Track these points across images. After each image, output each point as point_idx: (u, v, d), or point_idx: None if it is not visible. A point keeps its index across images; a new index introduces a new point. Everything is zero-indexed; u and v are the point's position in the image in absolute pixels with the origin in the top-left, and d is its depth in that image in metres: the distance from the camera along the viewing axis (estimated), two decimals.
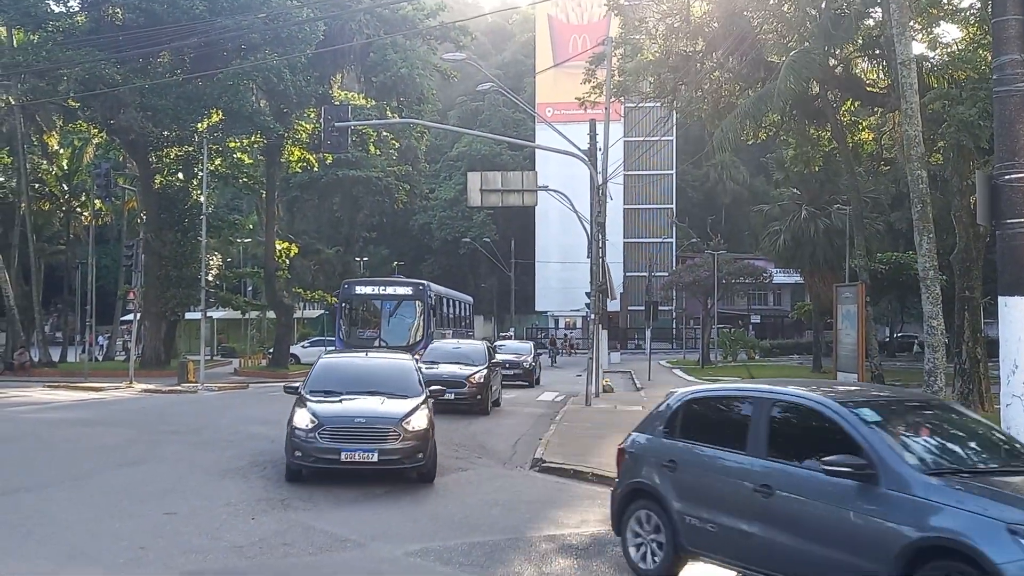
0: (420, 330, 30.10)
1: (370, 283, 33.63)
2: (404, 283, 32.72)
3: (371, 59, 43.66)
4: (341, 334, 30.59)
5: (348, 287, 32.20)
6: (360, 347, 25.56)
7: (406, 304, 31.14)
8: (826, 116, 26.56)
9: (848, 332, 18.91)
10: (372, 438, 11.84)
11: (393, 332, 30.31)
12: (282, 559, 8.61)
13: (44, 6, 36.66)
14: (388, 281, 34.07)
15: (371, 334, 30.22)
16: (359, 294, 31.80)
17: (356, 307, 31.96)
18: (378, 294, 31.59)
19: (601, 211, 27.95)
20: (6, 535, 9.27)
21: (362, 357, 15.42)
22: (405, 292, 31.31)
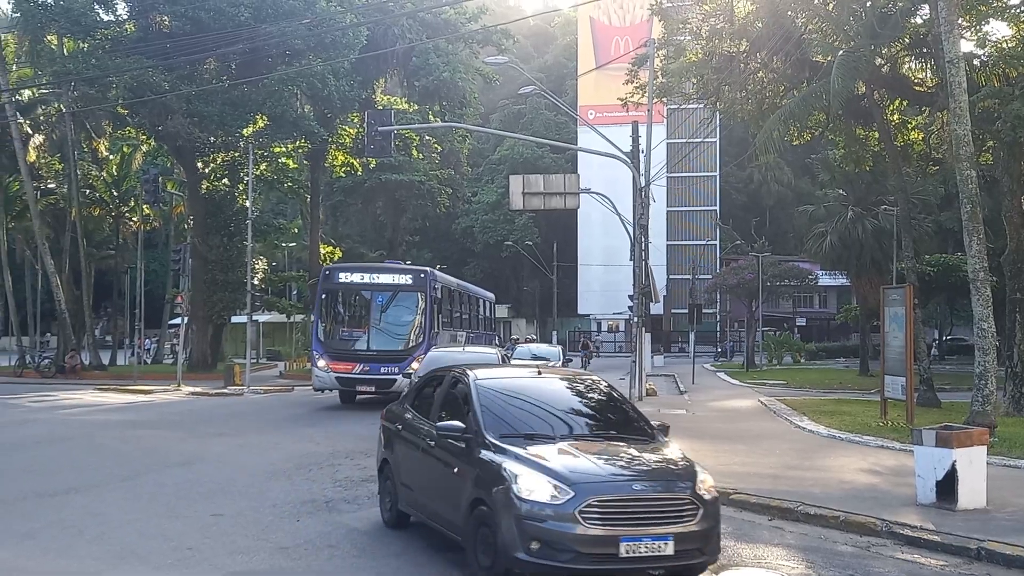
0: (420, 331, 23.42)
1: (358, 269, 26.32)
2: (401, 270, 25.37)
3: (413, 63, 43.88)
4: (319, 334, 23.92)
5: (330, 273, 25.24)
6: (342, 352, 23.20)
7: (404, 297, 24.06)
8: (873, 116, 26.24)
9: (896, 335, 18.65)
10: (662, 516, 7.27)
11: (384, 333, 23.67)
12: (327, 561, 8.65)
13: (93, 15, 37.29)
14: (381, 267, 26.79)
15: (357, 336, 23.87)
16: (343, 283, 24.59)
17: (339, 300, 24.94)
18: (368, 283, 24.39)
19: (644, 213, 27.83)
20: (58, 534, 9.44)
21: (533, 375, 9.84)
22: (402, 281, 24.26)
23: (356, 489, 12.03)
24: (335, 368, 22.88)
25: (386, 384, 22.33)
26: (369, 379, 22.64)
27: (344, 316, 24.90)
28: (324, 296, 24.55)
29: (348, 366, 22.84)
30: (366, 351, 23.04)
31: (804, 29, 25.72)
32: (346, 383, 22.99)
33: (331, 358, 23.05)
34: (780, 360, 51.48)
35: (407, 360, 22.22)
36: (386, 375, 22.46)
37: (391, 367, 22.44)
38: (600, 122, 49.76)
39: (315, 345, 23.91)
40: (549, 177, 30.86)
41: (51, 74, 38.47)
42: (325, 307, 24.51)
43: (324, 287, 24.57)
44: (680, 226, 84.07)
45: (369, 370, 22.61)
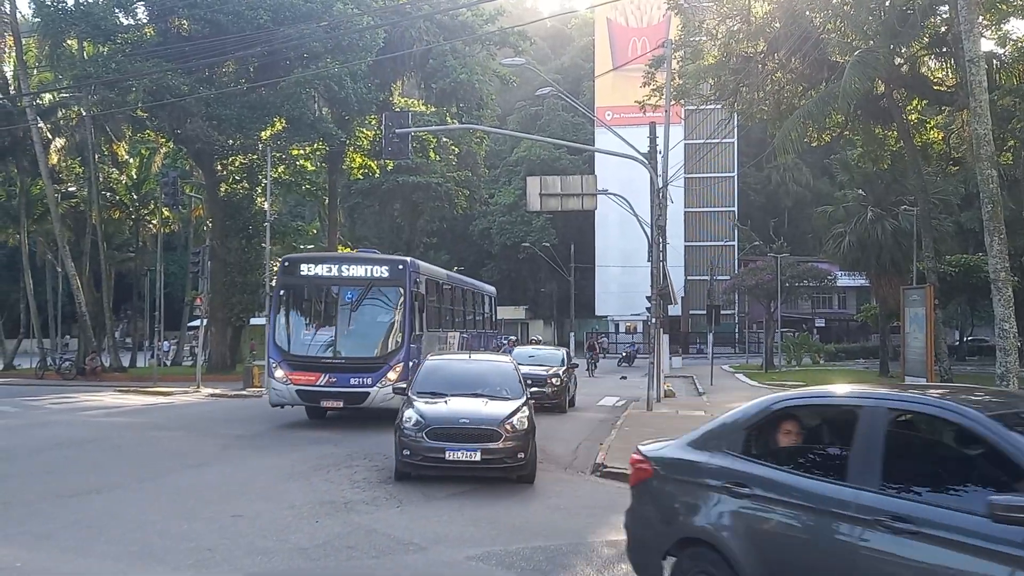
0: (398, 334, 19.57)
1: (323, 260, 21.81)
2: (375, 260, 20.89)
3: (431, 65, 43.96)
4: (276, 338, 19.94)
5: (289, 265, 20.93)
6: (304, 360, 19.26)
7: (378, 292, 20.08)
8: (892, 116, 26.10)
9: (916, 336, 18.56)
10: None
11: (355, 337, 19.82)
12: (345, 562, 8.68)
13: (113, 19, 37.54)
14: (350, 257, 23.10)
15: (322, 340, 19.88)
16: (305, 276, 20.45)
17: (300, 297, 20.77)
18: (334, 276, 20.30)
19: (661, 214, 27.76)
20: (78, 534, 9.50)
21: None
22: (376, 273, 20.04)
23: (374, 490, 12.06)
24: (295, 379, 19.01)
25: (357, 398, 18.83)
26: (336, 392, 18.89)
27: (306, 317, 20.62)
28: (282, 293, 20.27)
29: (311, 377, 19.02)
30: (332, 359, 19.22)
31: (822, 29, 25.63)
32: (308, 397, 19.10)
33: (290, 367, 19.16)
34: (799, 361, 51.24)
35: (382, 369, 18.87)
36: (357, 387, 18.79)
37: (363, 378, 18.80)
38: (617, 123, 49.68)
39: (271, 351, 19.99)
40: (566, 178, 30.80)
41: (71, 78, 38.75)
42: (284, 306, 20.11)
43: (283, 282, 20.49)
44: (698, 227, 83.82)
45: (336, 381, 18.85)
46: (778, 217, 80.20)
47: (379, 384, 18.60)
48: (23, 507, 10.73)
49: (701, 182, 79.70)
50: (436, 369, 14.61)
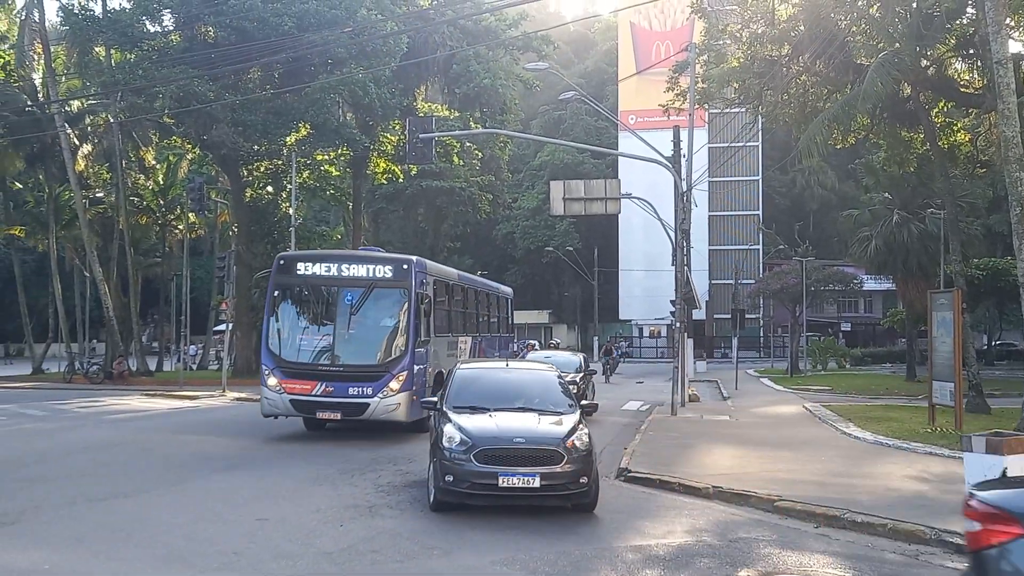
0: (402, 339, 18.10)
1: (322, 259, 19.99)
2: (378, 259, 19.36)
3: (454, 71, 44.08)
4: (270, 343, 18.51)
5: (285, 263, 19.29)
6: (299, 368, 17.96)
7: (381, 294, 18.63)
8: (918, 118, 25.90)
9: (944, 340, 18.40)
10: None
11: (355, 343, 18.39)
12: (370, 566, 8.70)
13: (140, 26, 37.88)
14: (351, 256, 20.85)
15: (318, 344, 18.47)
16: (302, 276, 18.96)
17: (296, 298, 19.17)
18: (333, 276, 18.78)
19: (686, 218, 27.68)
20: (106, 538, 9.58)
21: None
22: (379, 274, 18.58)
23: (399, 495, 12.09)
24: (289, 388, 17.69)
25: (356, 409, 17.46)
26: (333, 403, 17.53)
27: (302, 320, 19.02)
28: (277, 293, 18.78)
29: (306, 385, 17.65)
30: (329, 366, 17.85)
31: (847, 32, 25.47)
32: (303, 407, 17.78)
33: (284, 374, 17.81)
34: (825, 366, 50.89)
35: (384, 378, 17.49)
36: (356, 398, 17.39)
37: (363, 387, 17.48)
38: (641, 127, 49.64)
39: (265, 357, 18.43)
40: (590, 182, 30.74)
41: (99, 85, 39.17)
42: (278, 308, 18.69)
43: (277, 282, 18.87)
44: (722, 231, 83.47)
45: (333, 391, 17.51)
46: (803, 220, 79.76)
47: (380, 394, 17.35)
48: (52, 510, 10.85)
49: (725, 186, 79.40)
50: (471, 379, 13.05)
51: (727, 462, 15.16)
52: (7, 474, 13.72)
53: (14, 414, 23.96)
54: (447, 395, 12.49)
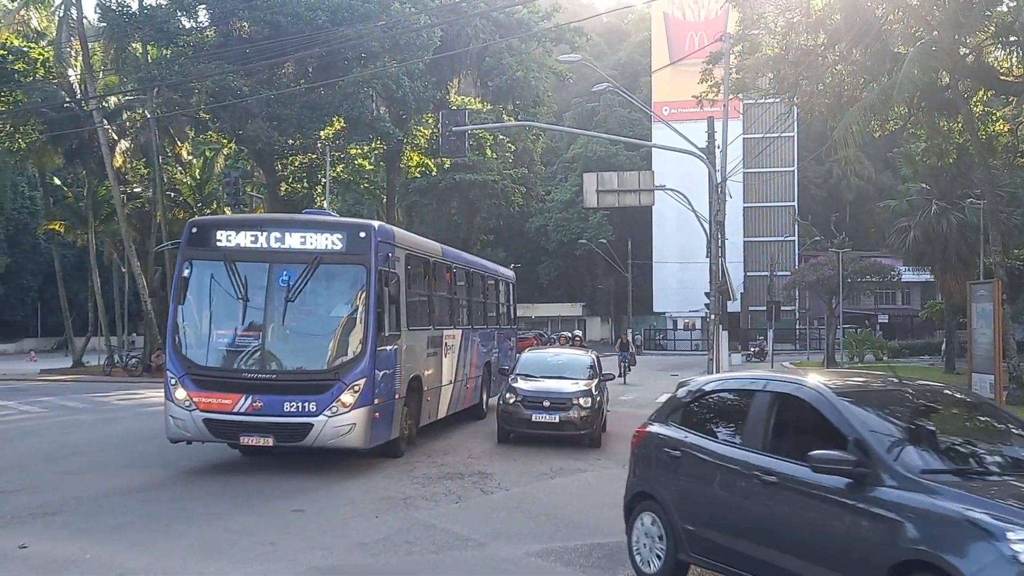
0: (359, 334, 13.27)
1: (247, 224, 14.56)
2: (326, 225, 14.10)
3: (487, 63, 44.05)
4: (176, 343, 13.55)
5: (198, 232, 14.05)
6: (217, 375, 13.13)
7: (330, 273, 13.61)
8: (957, 107, 25.54)
9: (983, 332, 18.18)
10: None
11: (294, 339, 13.60)
12: (405, 557, 8.75)
13: (176, 22, 38.20)
14: (289, 221, 14.90)
15: (243, 344, 13.44)
16: (222, 248, 13.64)
17: (213, 279, 13.74)
18: (263, 248, 13.62)
19: (720, 210, 27.53)
20: (145, 528, 9.72)
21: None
22: (326, 244, 13.50)
23: (433, 486, 12.15)
24: (203, 403, 12.95)
25: (293, 432, 12.77)
26: (262, 424, 12.75)
27: (221, 310, 13.66)
28: (187, 273, 13.61)
29: (226, 400, 12.85)
30: (258, 373, 12.99)
31: (884, 20, 25.14)
32: (221, 430, 13.01)
33: (196, 385, 13.03)
34: (862, 358, 50.44)
35: (333, 388, 12.72)
36: (294, 416, 12.72)
37: (303, 401, 12.71)
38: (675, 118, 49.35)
39: (170, 361, 13.51)
40: (623, 174, 30.68)
41: (136, 81, 39.53)
42: (189, 293, 13.63)
43: (188, 257, 13.67)
44: (757, 222, 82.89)
45: (263, 407, 12.72)
46: (839, 211, 78.95)
47: (328, 411, 12.63)
48: (92, 501, 11.01)
49: (760, 177, 78.87)
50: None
51: None
52: (48, 466, 13.96)
53: (55, 406, 24.34)
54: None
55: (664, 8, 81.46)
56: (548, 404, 16.08)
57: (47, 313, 70.92)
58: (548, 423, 16.00)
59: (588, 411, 16.13)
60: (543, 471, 13.82)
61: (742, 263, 75.26)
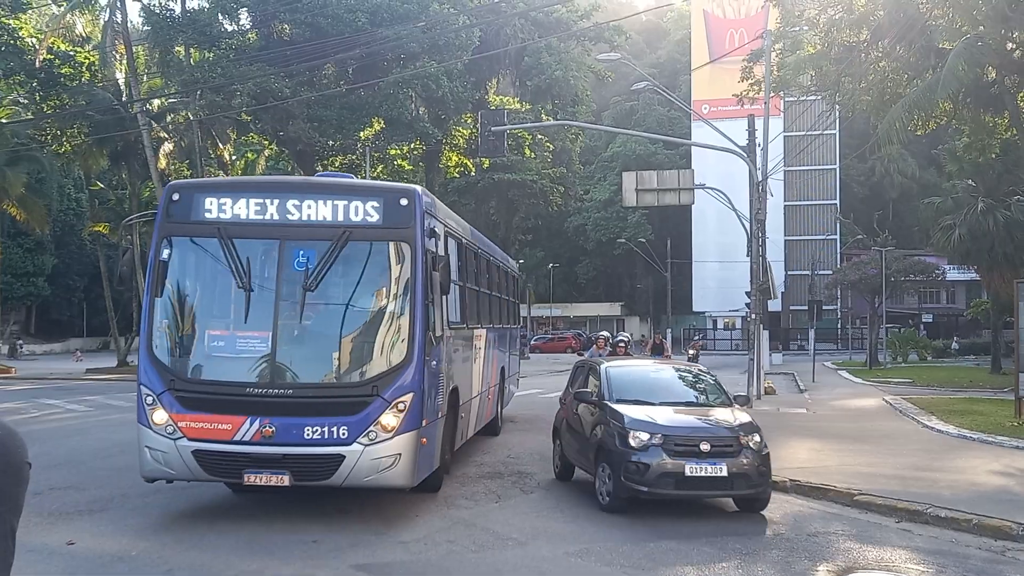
0: (403, 332, 9.94)
1: (244, 187, 10.94)
2: (356, 188, 10.83)
3: (526, 63, 44.14)
4: (153, 347, 10.04)
5: (180, 199, 10.31)
6: (206, 389, 9.87)
7: (361, 252, 10.20)
8: (1003, 103, 25.14)
9: None
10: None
11: (313, 341, 10.28)
12: (445, 556, 8.78)
13: (218, 26, 38.71)
14: (304, 185, 11.37)
15: (245, 346, 9.99)
16: (212, 221, 10.08)
17: (201, 263, 10.48)
18: (271, 221, 10.10)
19: (761, 208, 27.30)
20: (190, 525, 9.85)
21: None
22: (359, 215, 10.06)
23: (473, 485, 12.18)
24: (192, 428, 9.68)
25: (318, 468, 9.63)
26: (275, 456, 9.55)
27: (215, 302, 10.67)
28: (167, 254, 10.26)
29: (224, 423, 9.63)
30: (268, 387, 9.71)
31: (929, 15, 24.81)
32: (218, 465, 9.73)
33: (183, 404, 9.76)
34: (905, 358, 49.78)
35: (371, 406, 9.62)
36: (317, 445, 9.58)
37: (331, 425, 9.58)
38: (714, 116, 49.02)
39: (145, 372, 10.05)
40: (663, 173, 30.54)
41: (179, 83, 40.10)
42: (169, 281, 10.26)
43: (167, 231, 10.33)
44: (798, 221, 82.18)
45: (276, 433, 9.52)
46: (882, 209, 78.02)
47: (364, 437, 9.55)
48: (138, 498, 11.17)
49: (801, 175, 78.18)
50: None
51: (804, 455, 14.93)
52: (96, 463, 14.18)
53: (101, 405, 24.73)
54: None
55: (704, 6, 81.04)
56: (708, 448, 10.20)
57: (92, 313, 72.06)
58: (711, 478, 10.18)
59: (760, 456, 10.54)
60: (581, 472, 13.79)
61: (783, 262, 74.65)
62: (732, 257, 58.30)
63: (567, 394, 13.38)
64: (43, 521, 9.88)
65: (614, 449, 10.45)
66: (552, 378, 37.06)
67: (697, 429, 10.76)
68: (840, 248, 77.87)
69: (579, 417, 12.10)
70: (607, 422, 10.88)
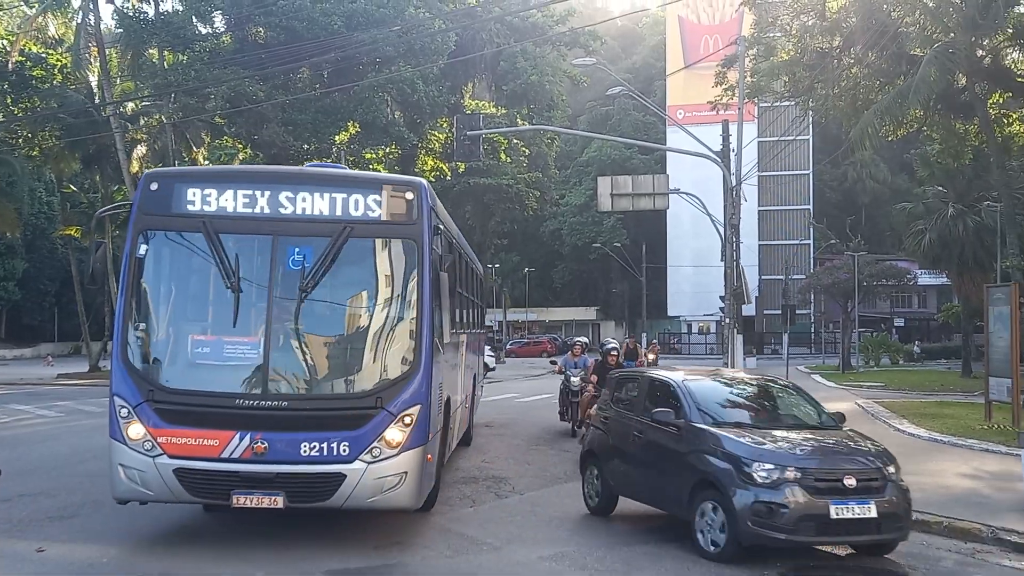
0: (410, 339, 9.16)
1: (232, 177, 9.79)
2: (358, 180, 10.11)
3: (501, 67, 44.19)
4: (128, 354, 9.03)
5: (159, 189, 9.37)
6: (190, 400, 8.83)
7: (363, 251, 9.45)
8: (973, 109, 25.44)
9: (1001, 335, 18.06)
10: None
11: (311, 349, 9.22)
12: (420, 561, 8.77)
13: (192, 28, 38.48)
14: (300, 175, 9.93)
15: (233, 353, 9.02)
16: (196, 214, 9.18)
17: (184, 262, 9.51)
18: (263, 215, 9.23)
19: (735, 213, 27.44)
20: (162, 532, 9.79)
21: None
22: (360, 209, 9.23)
23: (448, 490, 12.14)
24: (174, 445, 8.78)
25: (316, 488, 8.80)
26: (268, 476, 8.72)
27: (199, 304, 9.62)
28: (144, 251, 9.38)
29: (211, 438, 8.76)
30: (260, 398, 8.89)
31: (900, 22, 25.07)
32: (203, 485, 8.84)
33: (163, 417, 8.84)
34: (877, 362, 50.21)
35: (375, 420, 8.83)
36: (316, 462, 8.76)
37: (331, 440, 8.76)
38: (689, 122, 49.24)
39: (118, 381, 9.09)
40: (638, 178, 30.61)
41: (152, 86, 39.81)
42: (146, 281, 9.40)
43: (144, 225, 9.43)
44: (772, 226, 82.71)
45: (269, 450, 8.70)
46: (855, 214, 78.74)
47: (368, 454, 8.74)
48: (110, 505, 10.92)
49: (775, 180, 78.71)
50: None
51: None
52: (67, 469, 14.05)
53: (72, 410, 24.49)
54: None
55: (679, 11, 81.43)
56: (854, 483, 8.42)
57: (64, 317, 71.35)
58: (858, 521, 8.35)
59: (903, 491, 8.81)
60: (557, 475, 13.82)
61: (757, 266, 75.08)
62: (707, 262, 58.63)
63: (603, 412, 11.42)
64: (13, 528, 9.81)
65: (731, 485, 8.51)
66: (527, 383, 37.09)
67: (836, 459, 8.83)
68: (813, 253, 78.47)
69: (645, 442, 10.00)
70: (708, 451, 8.93)
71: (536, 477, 13.57)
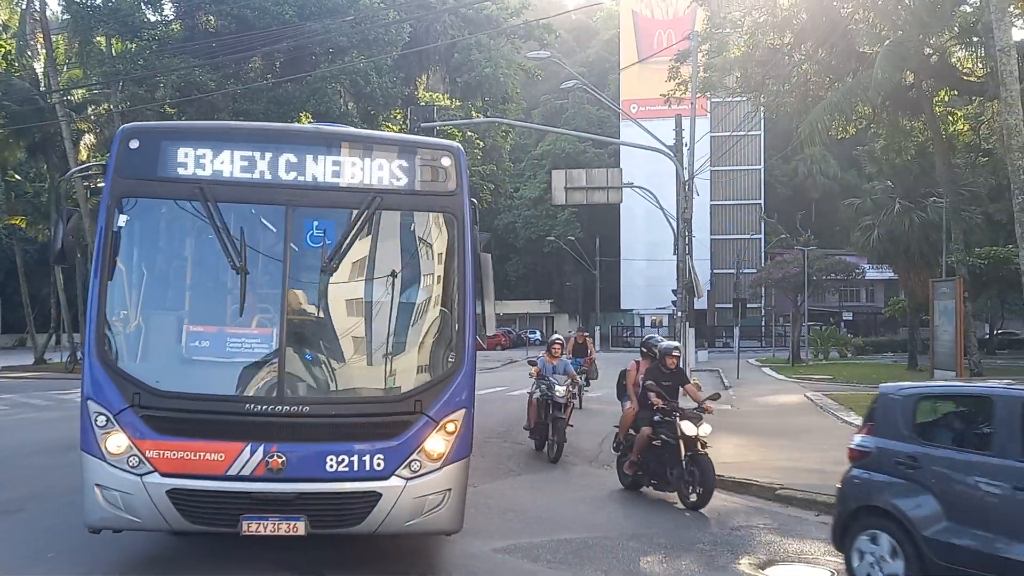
0: (449, 332, 7.68)
1: (234, 136, 7.86)
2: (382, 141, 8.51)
3: (456, 59, 44.04)
4: (103, 344, 7.25)
5: (139, 148, 7.45)
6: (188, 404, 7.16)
7: (391, 225, 7.90)
8: (920, 107, 25.90)
9: (946, 329, 18.47)
10: None
11: (334, 344, 7.66)
12: (373, 553, 8.72)
13: (141, 16, 37.88)
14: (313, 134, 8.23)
15: (238, 348, 7.35)
16: (188, 180, 7.39)
17: (176, 239, 8.12)
18: (273, 181, 7.48)
19: (687, 207, 27.69)
20: None
21: None
22: (388, 173, 7.64)
23: None
24: (169, 460, 7.08)
25: (345, 510, 7.33)
26: (286, 496, 7.12)
27: (196, 288, 8.10)
28: (123, 223, 7.50)
29: (215, 452, 7.10)
30: (275, 402, 7.18)
31: (850, 19, 25.44)
32: (204, 510, 7.16)
33: (153, 427, 7.12)
34: (826, 355, 50.93)
35: (414, 428, 7.35)
36: (345, 479, 7.21)
37: (362, 453, 7.23)
38: (643, 116, 49.53)
39: (92, 382, 7.30)
40: (591, 171, 30.75)
41: (100, 74, 39.14)
42: (125, 259, 7.56)
43: (122, 191, 7.52)
44: (724, 220, 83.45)
45: (286, 465, 7.08)
46: (805, 210, 79.66)
47: (406, 468, 7.36)
48: (56, 499, 10.90)
49: (727, 175, 79.38)
50: None
51: (728, 451, 15.17)
52: (11, 463, 13.80)
53: (17, 404, 24.05)
54: None
55: (632, 6, 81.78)
56: None
57: (8, 309, 69.83)
58: None
59: None
60: (511, 468, 13.86)
61: (709, 260, 75.75)
62: (660, 255, 59.12)
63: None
64: None
65: None
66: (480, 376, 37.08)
67: None
68: (764, 247, 79.27)
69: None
70: None
71: (489, 470, 13.58)
